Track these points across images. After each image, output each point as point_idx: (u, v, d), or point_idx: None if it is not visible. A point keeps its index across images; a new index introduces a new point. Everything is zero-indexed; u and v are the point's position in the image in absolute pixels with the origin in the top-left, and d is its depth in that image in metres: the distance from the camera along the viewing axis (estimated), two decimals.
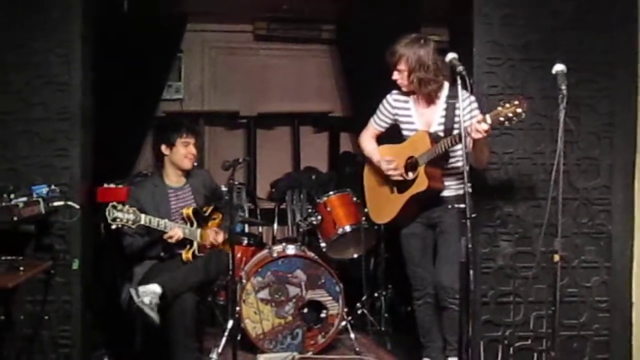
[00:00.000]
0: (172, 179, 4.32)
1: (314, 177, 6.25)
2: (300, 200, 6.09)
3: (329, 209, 4.97)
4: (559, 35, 4.07)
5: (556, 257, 3.32)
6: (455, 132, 3.69)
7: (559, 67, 3.33)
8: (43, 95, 3.95)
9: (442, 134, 3.80)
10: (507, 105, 3.36)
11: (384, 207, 4.07)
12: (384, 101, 4.04)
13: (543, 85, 4.00)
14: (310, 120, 6.72)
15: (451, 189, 3.87)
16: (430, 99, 3.87)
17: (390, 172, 3.94)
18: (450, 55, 3.42)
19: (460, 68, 3.32)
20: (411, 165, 3.88)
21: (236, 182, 5.05)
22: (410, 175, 3.87)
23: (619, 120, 4.11)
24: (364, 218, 4.88)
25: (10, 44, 3.92)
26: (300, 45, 6.60)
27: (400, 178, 3.91)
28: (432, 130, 3.84)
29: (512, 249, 4.08)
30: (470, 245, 3.20)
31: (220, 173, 4.28)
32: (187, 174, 4.35)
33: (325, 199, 5.03)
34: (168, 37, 5.89)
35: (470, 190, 3.29)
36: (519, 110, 3.34)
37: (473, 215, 3.24)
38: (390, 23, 5.56)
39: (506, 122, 3.40)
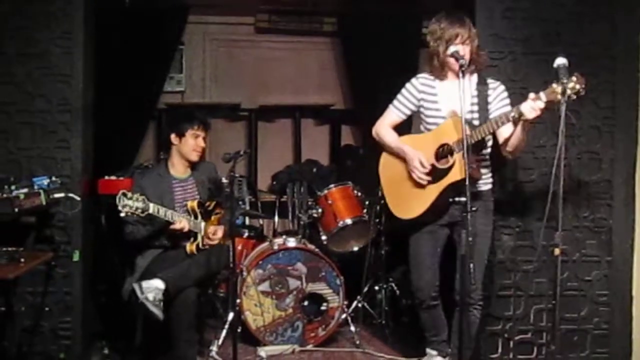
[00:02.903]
0: (178, 169, 4.29)
1: (314, 169, 6.25)
2: (301, 192, 6.08)
3: (329, 201, 4.97)
4: (561, 28, 4.07)
5: (557, 251, 3.31)
6: (492, 115, 3.50)
7: (560, 61, 3.30)
8: (44, 86, 3.95)
9: (476, 123, 3.57)
10: (564, 80, 3.11)
11: (411, 200, 3.75)
12: (409, 85, 3.78)
13: (545, 79, 3.97)
14: (311, 112, 6.70)
15: (483, 179, 3.68)
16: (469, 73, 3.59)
17: (417, 176, 3.65)
18: (453, 49, 3.42)
19: (462, 61, 3.33)
20: (443, 153, 3.61)
21: (237, 175, 5.06)
22: (440, 164, 3.61)
23: (620, 114, 4.11)
24: (364, 211, 4.89)
25: (12, 34, 3.92)
26: (302, 37, 6.57)
27: (425, 183, 3.65)
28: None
29: (512, 242, 4.09)
30: (470, 239, 3.20)
31: (221, 165, 4.28)
32: (193, 165, 4.33)
33: (326, 191, 5.02)
34: (169, 29, 5.86)
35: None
36: (577, 86, 3.09)
37: (474, 209, 3.23)
38: (391, 15, 5.56)
39: (562, 100, 3.09)
